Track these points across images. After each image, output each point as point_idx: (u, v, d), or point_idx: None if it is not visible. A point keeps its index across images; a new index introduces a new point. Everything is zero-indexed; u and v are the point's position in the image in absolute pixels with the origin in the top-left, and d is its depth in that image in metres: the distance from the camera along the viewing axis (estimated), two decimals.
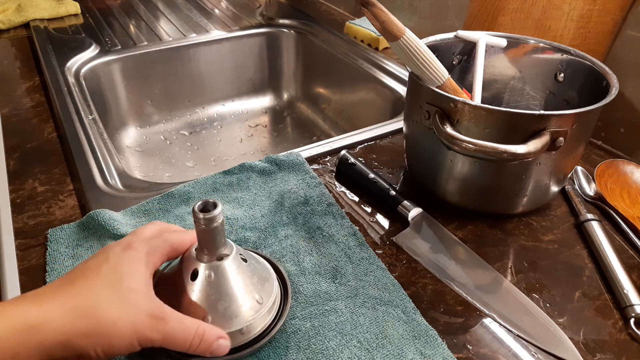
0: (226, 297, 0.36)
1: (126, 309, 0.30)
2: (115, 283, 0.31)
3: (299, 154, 0.59)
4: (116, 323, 0.30)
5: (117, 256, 0.32)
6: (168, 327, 0.32)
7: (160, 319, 0.31)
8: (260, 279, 0.38)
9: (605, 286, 0.44)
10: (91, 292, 0.30)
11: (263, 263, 0.41)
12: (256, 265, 0.39)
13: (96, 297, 0.30)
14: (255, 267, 0.39)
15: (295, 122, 1.05)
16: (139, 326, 0.30)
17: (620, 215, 0.52)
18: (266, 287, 0.38)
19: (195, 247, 0.37)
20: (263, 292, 0.38)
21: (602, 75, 0.49)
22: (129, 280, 0.32)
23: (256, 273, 0.38)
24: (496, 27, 0.67)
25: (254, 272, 0.38)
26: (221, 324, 0.35)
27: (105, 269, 0.31)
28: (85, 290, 0.30)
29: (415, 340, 0.38)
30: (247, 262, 0.38)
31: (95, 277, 0.31)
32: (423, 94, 0.48)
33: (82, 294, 0.30)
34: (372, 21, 0.45)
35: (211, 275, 0.36)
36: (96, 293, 0.30)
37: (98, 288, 0.30)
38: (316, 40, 0.99)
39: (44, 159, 0.59)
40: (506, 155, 0.41)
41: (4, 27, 0.97)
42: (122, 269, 0.32)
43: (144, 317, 0.31)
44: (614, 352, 0.39)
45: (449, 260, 0.46)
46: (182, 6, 1.14)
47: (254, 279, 0.38)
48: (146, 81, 0.94)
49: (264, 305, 0.37)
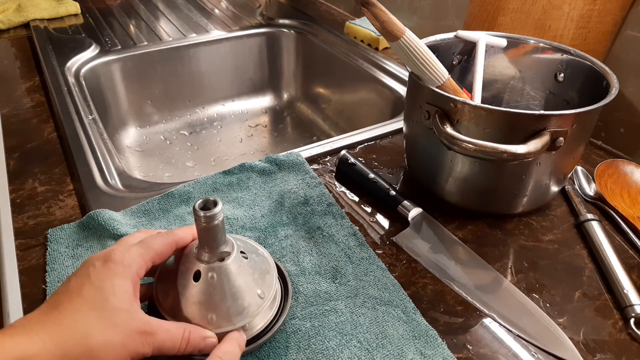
0: (229, 296, 0.36)
1: (114, 330, 0.30)
2: (100, 303, 0.31)
3: (299, 154, 0.59)
4: (107, 346, 0.30)
5: (97, 272, 0.32)
6: (158, 339, 0.32)
7: (148, 334, 0.32)
8: (261, 273, 0.38)
9: (605, 286, 0.44)
10: (78, 317, 0.30)
11: (262, 254, 0.41)
12: (256, 259, 0.39)
13: (84, 324, 0.30)
14: (256, 262, 0.39)
15: (295, 122, 1.05)
16: (129, 345, 0.31)
17: (620, 215, 0.52)
18: (267, 279, 0.38)
19: (196, 247, 0.37)
20: (264, 286, 0.38)
21: (602, 75, 0.49)
22: (113, 298, 0.31)
23: (257, 268, 0.38)
24: (496, 27, 0.67)
25: (254, 268, 0.38)
26: (226, 322, 0.35)
27: (87, 289, 0.31)
28: (71, 316, 0.30)
29: (415, 340, 0.38)
30: (248, 258, 0.38)
31: (78, 300, 0.30)
32: (423, 94, 0.48)
33: (69, 321, 0.30)
34: (372, 21, 0.45)
35: (214, 277, 0.36)
36: (83, 318, 0.30)
37: (84, 312, 0.30)
38: (316, 40, 0.99)
39: (44, 159, 0.59)
40: (506, 155, 0.41)
41: (4, 27, 0.97)
42: (104, 285, 0.31)
43: (134, 335, 0.31)
44: (614, 352, 0.39)
45: (449, 260, 0.46)
46: (182, 6, 1.14)
47: (255, 274, 0.38)
48: (146, 81, 0.94)
49: (265, 299, 0.37)
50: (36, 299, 0.41)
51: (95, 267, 0.32)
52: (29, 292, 0.42)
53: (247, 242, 0.41)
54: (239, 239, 0.41)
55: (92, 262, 0.33)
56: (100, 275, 0.32)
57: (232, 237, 0.38)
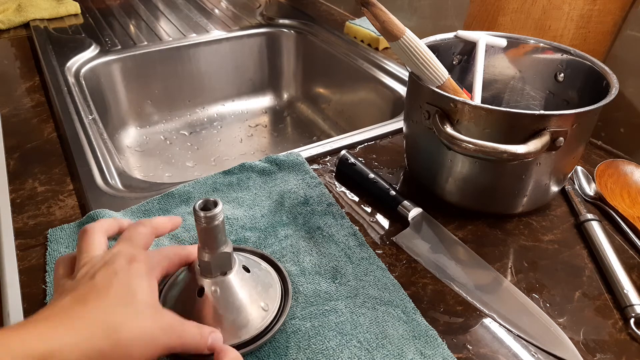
0: (233, 310, 0.36)
1: (145, 324, 0.31)
2: (129, 299, 0.31)
3: (299, 154, 0.59)
4: (138, 339, 0.30)
5: (125, 271, 0.32)
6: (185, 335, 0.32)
7: (177, 329, 0.32)
8: (264, 286, 0.39)
9: (605, 286, 0.44)
10: (107, 311, 0.30)
11: (265, 268, 0.41)
12: (259, 273, 0.40)
13: (113, 318, 0.30)
14: (259, 275, 0.39)
15: (295, 122, 1.05)
16: (160, 339, 0.31)
17: (620, 215, 0.52)
18: (270, 292, 0.39)
19: (199, 264, 0.37)
20: (268, 299, 0.38)
21: (602, 75, 0.49)
22: (142, 295, 0.32)
23: (260, 281, 0.39)
24: (496, 27, 0.67)
25: (257, 281, 0.38)
26: (231, 336, 0.36)
27: (117, 286, 0.31)
28: (100, 311, 0.30)
29: (415, 340, 0.38)
30: (250, 271, 0.38)
31: (107, 295, 0.31)
32: (423, 94, 0.48)
33: (98, 314, 0.30)
34: (372, 21, 0.45)
35: (217, 291, 0.36)
36: (112, 313, 0.30)
37: (113, 307, 0.30)
38: (316, 40, 0.99)
39: (44, 159, 0.59)
40: (506, 155, 0.41)
41: (4, 27, 0.97)
42: (132, 283, 0.32)
43: (165, 329, 0.31)
44: (614, 352, 0.39)
45: (449, 260, 0.46)
46: (182, 6, 1.14)
47: (258, 287, 0.38)
48: (146, 81, 0.94)
49: (269, 311, 0.38)
50: (36, 299, 0.41)
51: (121, 265, 0.33)
52: (29, 292, 0.42)
53: (249, 257, 0.42)
54: (241, 254, 0.41)
55: (116, 260, 0.33)
56: (128, 274, 0.32)
57: (235, 253, 0.39)
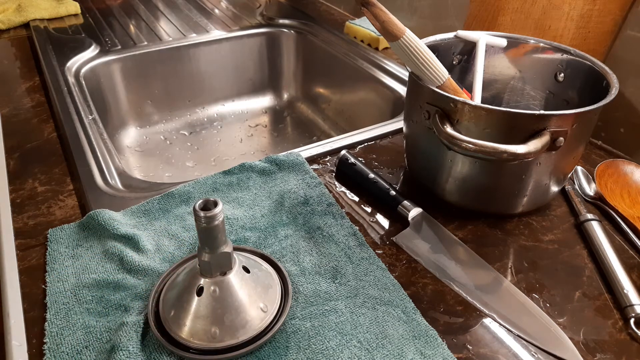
0: (232, 310, 0.36)
1: None
2: None
3: (299, 154, 0.59)
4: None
5: None
6: None
7: None
8: (263, 287, 0.39)
9: (605, 286, 0.44)
10: None
11: (265, 269, 0.41)
12: (259, 274, 0.40)
13: None
14: (259, 276, 0.39)
15: (295, 122, 1.05)
16: None
17: (620, 215, 0.52)
18: (270, 293, 0.39)
19: (198, 263, 0.37)
20: (267, 300, 0.38)
21: (602, 75, 0.49)
22: None
23: (259, 282, 0.39)
24: (496, 27, 0.67)
25: (257, 282, 0.38)
26: (229, 336, 0.36)
27: None
28: None
29: (415, 340, 0.38)
30: (250, 272, 0.38)
31: None
32: (423, 94, 0.48)
33: None
34: (372, 21, 0.45)
35: (216, 291, 0.36)
36: None
37: None
38: (316, 40, 0.99)
39: (44, 159, 0.59)
40: (506, 155, 0.41)
41: (4, 27, 0.97)
42: None
43: None
44: (614, 352, 0.39)
45: (449, 260, 0.46)
46: (182, 6, 1.14)
47: (257, 288, 0.38)
48: (146, 81, 0.94)
49: (268, 312, 0.38)
50: (36, 299, 0.41)
51: None
52: (29, 292, 0.42)
53: (249, 257, 0.42)
54: (241, 254, 0.41)
55: None
56: None
57: (235, 253, 0.38)
